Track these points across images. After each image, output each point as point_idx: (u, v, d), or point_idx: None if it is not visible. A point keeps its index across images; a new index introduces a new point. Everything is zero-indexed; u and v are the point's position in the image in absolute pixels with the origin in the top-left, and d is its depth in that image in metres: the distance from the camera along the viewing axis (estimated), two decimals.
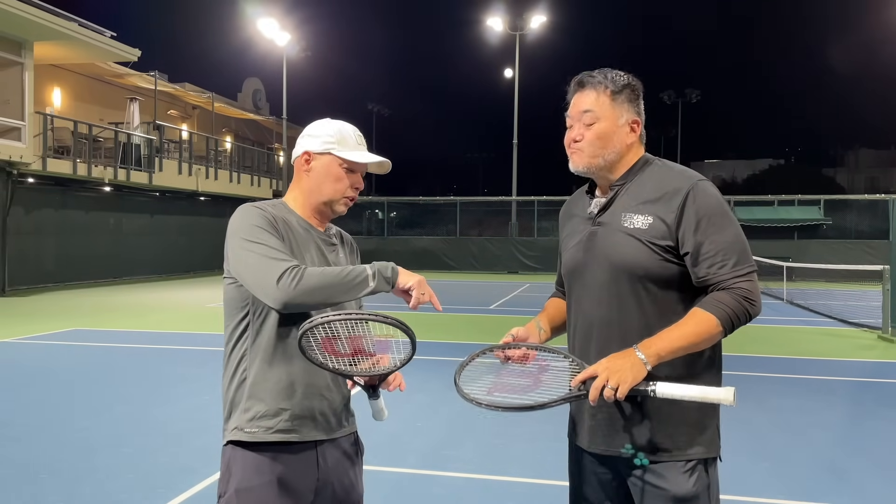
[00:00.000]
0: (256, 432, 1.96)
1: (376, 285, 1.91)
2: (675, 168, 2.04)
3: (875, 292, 13.83)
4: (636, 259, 1.95)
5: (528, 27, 34.17)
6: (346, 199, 2.12)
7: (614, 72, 2.05)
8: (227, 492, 1.96)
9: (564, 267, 2.16)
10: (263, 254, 1.91)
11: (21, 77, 17.78)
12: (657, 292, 1.96)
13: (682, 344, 1.86)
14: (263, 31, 29.69)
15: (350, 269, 1.91)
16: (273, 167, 32.52)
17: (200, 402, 6.60)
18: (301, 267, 1.88)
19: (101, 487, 4.36)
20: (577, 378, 1.85)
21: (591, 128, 2.00)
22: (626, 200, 2.01)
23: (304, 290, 1.85)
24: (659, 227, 1.93)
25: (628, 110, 2.03)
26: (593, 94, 2.01)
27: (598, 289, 2.02)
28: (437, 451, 5.18)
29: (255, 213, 2.01)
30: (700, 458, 1.97)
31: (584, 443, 2.07)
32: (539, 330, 2.17)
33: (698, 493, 1.95)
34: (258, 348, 1.99)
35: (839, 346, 10.37)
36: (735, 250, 1.91)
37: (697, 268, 1.92)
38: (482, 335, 10.86)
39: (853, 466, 4.92)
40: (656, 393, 1.80)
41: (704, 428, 1.99)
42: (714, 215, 1.92)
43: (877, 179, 58.61)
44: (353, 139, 2.11)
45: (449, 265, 28.22)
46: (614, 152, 2.01)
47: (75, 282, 20.22)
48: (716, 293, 1.90)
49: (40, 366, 8.40)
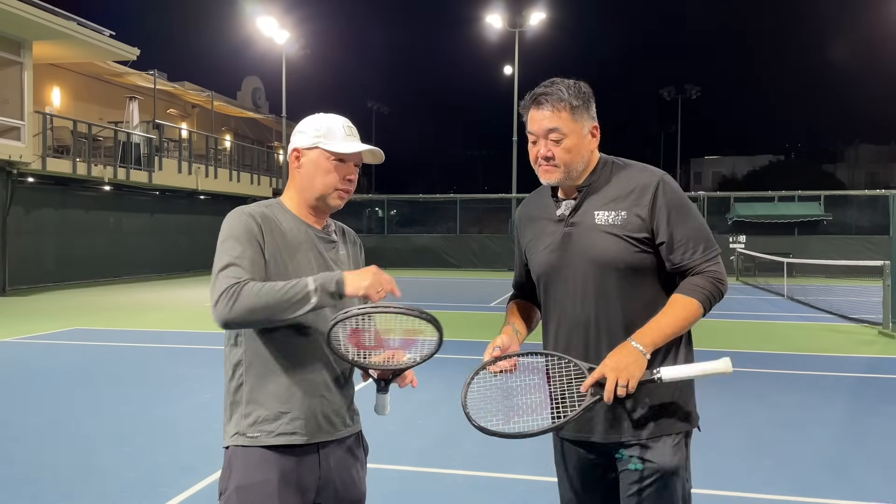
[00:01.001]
0: (258, 437, 1.96)
1: (318, 300, 1.87)
2: (635, 165, 2.17)
3: (875, 288, 13.83)
4: (617, 253, 2.06)
5: (528, 24, 34.15)
6: (339, 192, 2.09)
7: (566, 83, 2.11)
8: (227, 489, 1.96)
9: (537, 269, 2.22)
10: (220, 268, 1.92)
11: (20, 76, 17.76)
12: (636, 282, 2.08)
13: (673, 330, 2.02)
14: (262, 29, 29.66)
15: (292, 284, 1.87)
16: (273, 165, 32.49)
17: (201, 401, 6.60)
18: (241, 284, 1.86)
19: (101, 487, 4.36)
20: (586, 384, 1.95)
21: (560, 145, 2.08)
22: (595, 200, 2.12)
23: (240, 311, 1.84)
24: (634, 221, 2.06)
25: (587, 119, 2.11)
26: (553, 112, 2.07)
27: (583, 287, 2.10)
28: (437, 448, 5.19)
29: (237, 222, 2.00)
30: (685, 430, 2.10)
31: (578, 434, 2.13)
32: (516, 333, 2.23)
33: (680, 464, 2.06)
34: (255, 352, 1.99)
35: (840, 342, 10.37)
36: (703, 237, 2.08)
37: (673, 255, 2.07)
38: (482, 332, 10.84)
39: (854, 462, 4.92)
40: (662, 379, 1.94)
41: (686, 401, 2.12)
42: (682, 206, 2.09)
43: (877, 175, 58.55)
44: (340, 131, 2.08)
45: (449, 263, 28.21)
46: (583, 161, 2.12)
47: (75, 281, 20.22)
48: (691, 278, 2.06)
49: (40, 365, 8.40)
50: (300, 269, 2.00)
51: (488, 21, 34.67)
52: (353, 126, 2.14)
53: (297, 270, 2.00)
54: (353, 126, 2.14)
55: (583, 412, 1.96)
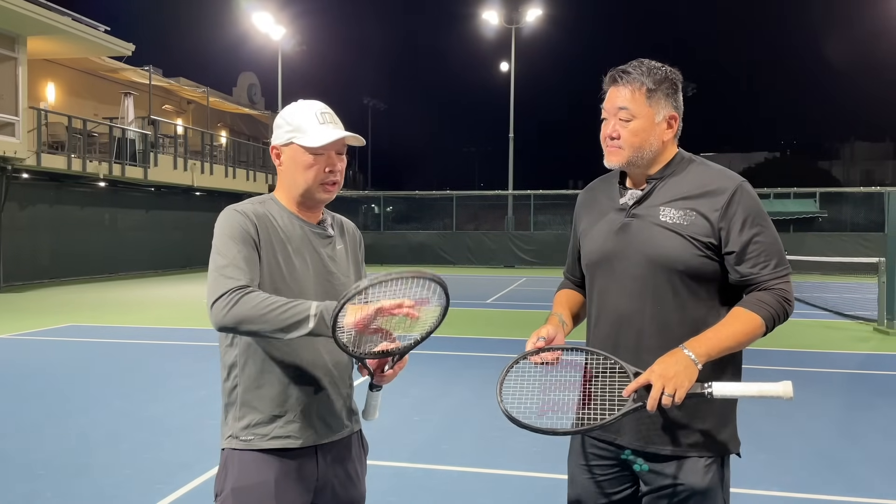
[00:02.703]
0: (252, 440, 1.93)
1: (315, 327, 1.75)
2: (714, 167, 2.02)
3: (871, 284, 13.87)
4: (676, 253, 1.92)
5: (524, 21, 34.12)
6: (325, 185, 2.01)
7: (651, 64, 1.98)
8: (223, 490, 1.93)
9: (588, 256, 2.10)
10: (218, 268, 1.86)
11: (15, 72, 17.70)
12: (693, 287, 1.94)
13: (731, 343, 1.86)
14: (258, 25, 29.62)
15: (293, 305, 1.77)
16: (268, 162, 32.33)
17: (197, 397, 6.59)
18: (243, 291, 1.80)
19: (97, 483, 4.34)
20: (629, 388, 1.81)
21: (628, 126, 1.96)
22: (663, 194, 1.98)
23: (235, 318, 1.78)
24: (701, 224, 1.92)
25: (665, 106, 1.98)
26: (628, 91, 1.96)
27: (631, 281, 1.98)
28: (434, 444, 5.18)
29: (232, 221, 1.94)
30: (720, 454, 1.97)
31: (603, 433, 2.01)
32: (562, 325, 2.10)
33: (712, 487, 1.94)
34: (249, 354, 1.95)
35: (835, 339, 10.40)
36: (776, 251, 1.93)
37: (741, 266, 1.91)
38: (479, 330, 10.86)
39: (849, 457, 4.93)
40: (713, 395, 1.77)
41: (726, 424, 1.98)
42: (758, 216, 1.93)
43: (872, 172, 58.73)
44: (313, 121, 1.98)
45: (445, 259, 28.20)
46: (652, 150, 1.98)
47: (71, 277, 20.18)
48: (757, 293, 1.91)
49: (36, 362, 8.38)
50: (295, 268, 1.97)
51: (485, 17, 34.66)
52: (330, 111, 2.04)
53: (292, 269, 1.96)
54: (329, 111, 2.03)
55: (621, 417, 1.81)
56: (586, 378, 1.94)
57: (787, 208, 27.20)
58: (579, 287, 2.24)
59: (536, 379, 1.94)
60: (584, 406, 1.91)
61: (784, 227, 26.33)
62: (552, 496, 4.14)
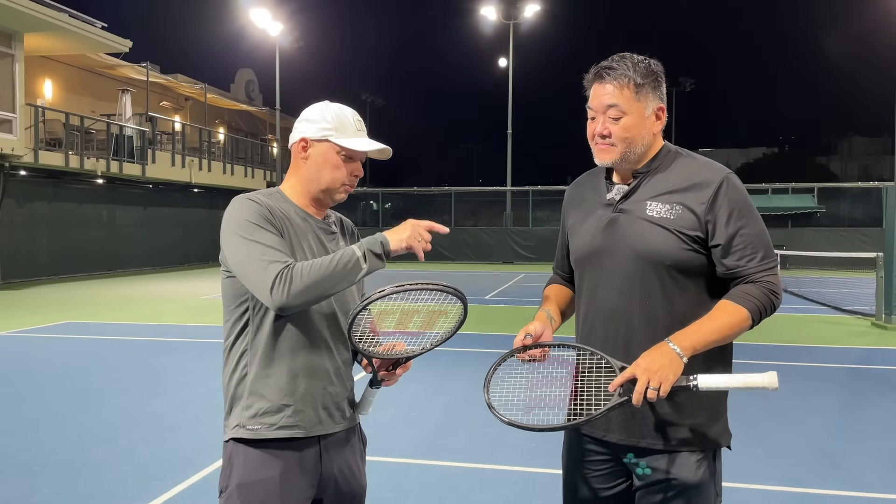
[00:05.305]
0: (259, 429, 1.93)
1: (369, 266, 1.85)
2: (700, 159, 2.01)
3: (869, 279, 13.90)
4: (663, 248, 1.91)
5: (522, 16, 34.06)
6: (345, 187, 2.05)
7: (634, 58, 1.96)
8: (228, 486, 1.93)
9: (576, 252, 2.10)
10: (256, 255, 1.85)
11: (12, 69, 17.66)
12: (682, 281, 1.94)
13: (716, 337, 1.86)
14: (256, 21, 29.53)
15: (338, 256, 1.83)
16: (267, 158, 32.41)
17: (196, 393, 6.60)
18: (290, 266, 1.82)
19: (96, 479, 4.35)
20: (614, 383, 1.81)
21: (619, 123, 1.94)
22: (649, 189, 1.97)
23: (297, 292, 1.80)
24: (687, 217, 1.91)
25: (653, 99, 1.96)
26: (615, 87, 1.93)
27: (619, 277, 1.97)
28: (431, 440, 5.20)
29: (250, 207, 1.94)
30: (713, 448, 1.97)
31: (593, 430, 2.02)
32: (550, 321, 2.09)
33: (704, 481, 1.95)
34: (259, 343, 1.95)
35: (833, 334, 10.42)
36: (762, 244, 1.93)
37: (727, 259, 1.91)
38: (477, 325, 10.86)
39: (846, 452, 4.95)
40: (698, 387, 1.77)
41: (718, 418, 1.99)
42: (744, 208, 1.92)
43: (870, 167, 58.69)
44: (351, 125, 2.02)
45: (444, 255, 28.20)
46: (643, 144, 1.96)
47: (69, 275, 20.16)
48: (743, 286, 1.90)
49: (35, 359, 8.38)
50: (306, 258, 1.97)
51: (483, 13, 34.56)
52: (361, 119, 2.08)
53: (302, 259, 1.96)
54: (361, 119, 2.07)
55: (606, 412, 1.81)
56: (573, 374, 1.94)
57: (785, 203, 27.21)
58: (568, 282, 2.24)
59: (524, 376, 1.95)
60: (572, 402, 1.91)
61: (782, 222, 26.36)
62: (548, 492, 4.16)
